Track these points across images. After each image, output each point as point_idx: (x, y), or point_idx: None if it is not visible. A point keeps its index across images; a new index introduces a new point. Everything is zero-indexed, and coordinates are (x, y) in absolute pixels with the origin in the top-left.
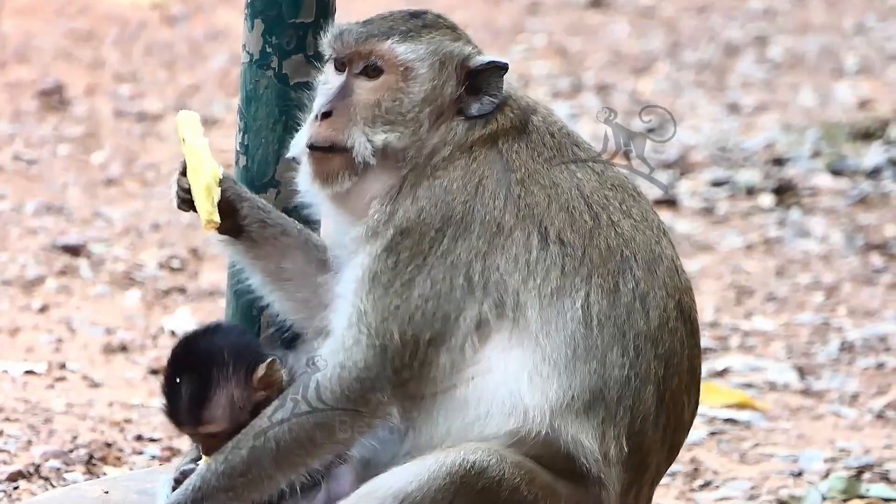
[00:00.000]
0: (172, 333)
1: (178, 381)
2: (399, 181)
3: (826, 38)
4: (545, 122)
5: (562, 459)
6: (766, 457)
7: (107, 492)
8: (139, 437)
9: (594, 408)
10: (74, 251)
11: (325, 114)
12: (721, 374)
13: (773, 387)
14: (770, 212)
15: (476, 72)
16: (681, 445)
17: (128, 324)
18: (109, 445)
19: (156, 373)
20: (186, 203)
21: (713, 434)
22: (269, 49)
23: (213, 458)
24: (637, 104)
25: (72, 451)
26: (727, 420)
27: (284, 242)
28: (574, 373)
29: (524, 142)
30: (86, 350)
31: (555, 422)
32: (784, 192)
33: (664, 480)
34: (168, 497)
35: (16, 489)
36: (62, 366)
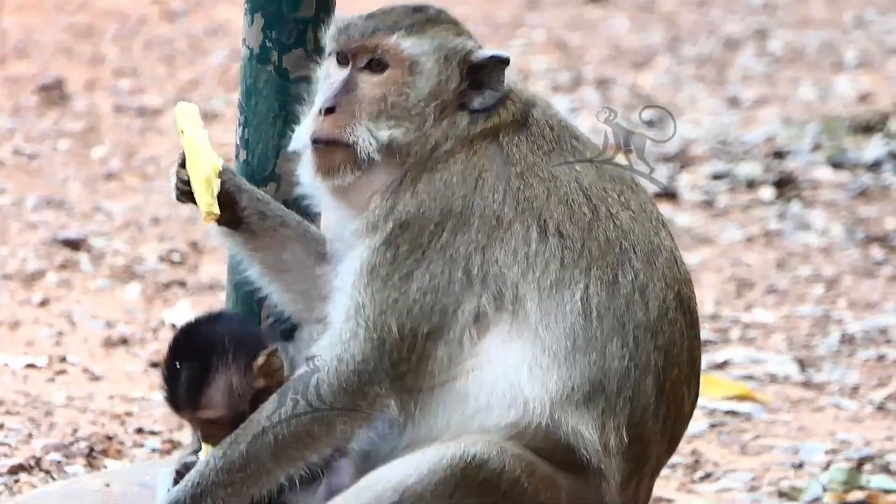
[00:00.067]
0: (173, 327)
1: (178, 366)
2: (400, 175)
3: (826, 32)
4: (545, 115)
5: (562, 451)
6: (767, 448)
7: (107, 485)
8: (140, 430)
9: (594, 399)
10: (75, 245)
11: (329, 108)
12: (722, 367)
13: (774, 379)
14: (770, 205)
15: (478, 66)
16: (681, 436)
17: (128, 317)
18: (110, 438)
19: (156, 366)
20: (185, 195)
21: (714, 426)
22: (269, 44)
23: (212, 454)
24: (637, 98)
25: (72, 444)
26: (728, 412)
27: (283, 234)
28: (574, 364)
29: (524, 135)
30: (86, 343)
31: (555, 413)
32: (784, 185)
33: (665, 472)
34: (168, 490)
35: (17, 482)
36: (63, 359)
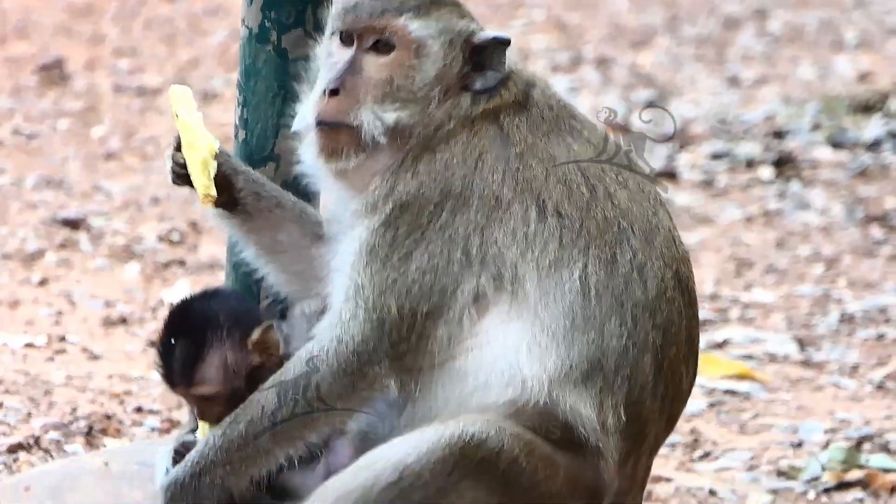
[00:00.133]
0: (172, 306)
1: (173, 342)
2: (402, 156)
3: (825, 12)
4: (544, 96)
5: (560, 429)
6: (766, 427)
7: (107, 463)
8: (139, 409)
9: (592, 377)
10: (74, 225)
11: (334, 90)
12: (721, 346)
13: (773, 358)
14: (770, 184)
15: (480, 47)
16: (679, 415)
17: (127, 297)
18: (109, 417)
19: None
20: (181, 178)
21: (713, 405)
22: (268, 23)
23: (212, 434)
24: (636, 78)
25: (71, 423)
26: (727, 391)
27: (279, 215)
28: (572, 343)
29: (524, 115)
30: (85, 323)
31: (553, 391)
32: (784, 165)
33: (664, 451)
34: (167, 469)
35: (16, 461)
36: (62, 338)
